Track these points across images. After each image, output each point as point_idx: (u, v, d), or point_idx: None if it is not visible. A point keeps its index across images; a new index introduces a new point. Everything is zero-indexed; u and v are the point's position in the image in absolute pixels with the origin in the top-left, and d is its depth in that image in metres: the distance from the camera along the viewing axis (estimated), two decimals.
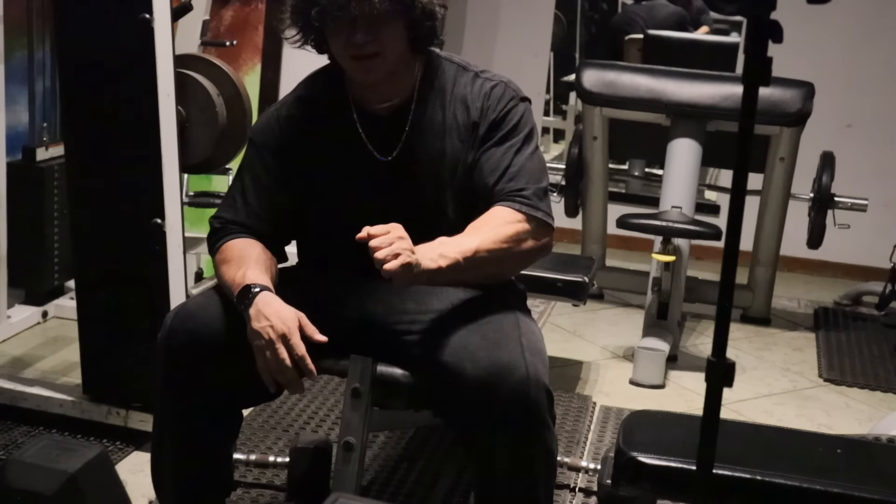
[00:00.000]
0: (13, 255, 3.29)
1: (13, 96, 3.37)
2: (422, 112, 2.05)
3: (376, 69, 1.97)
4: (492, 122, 2.04)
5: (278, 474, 2.64)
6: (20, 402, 2.85)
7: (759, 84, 1.35)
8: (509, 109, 2.05)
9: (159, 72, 2.57)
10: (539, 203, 2.00)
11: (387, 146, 2.04)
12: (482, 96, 2.06)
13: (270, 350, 1.86)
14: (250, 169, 2.10)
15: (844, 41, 4.86)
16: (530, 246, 1.98)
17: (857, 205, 4.09)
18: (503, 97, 2.06)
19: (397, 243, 1.79)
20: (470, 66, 2.11)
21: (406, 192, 2.04)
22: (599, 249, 4.34)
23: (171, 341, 1.95)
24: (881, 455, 2.21)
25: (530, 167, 2.02)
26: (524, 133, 2.05)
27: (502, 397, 1.82)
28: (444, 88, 2.07)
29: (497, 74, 2.12)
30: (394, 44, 1.95)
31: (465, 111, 2.04)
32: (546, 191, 2.04)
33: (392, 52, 1.96)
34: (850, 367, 3.82)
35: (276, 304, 1.90)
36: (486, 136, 2.03)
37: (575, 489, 2.69)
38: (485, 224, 1.96)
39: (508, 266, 2.01)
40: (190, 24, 3.50)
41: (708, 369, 1.44)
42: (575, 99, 5.93)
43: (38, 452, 1.82)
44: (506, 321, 1.95)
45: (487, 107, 2.04)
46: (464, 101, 2.05)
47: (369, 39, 1.92)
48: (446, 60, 2.11)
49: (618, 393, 3.45)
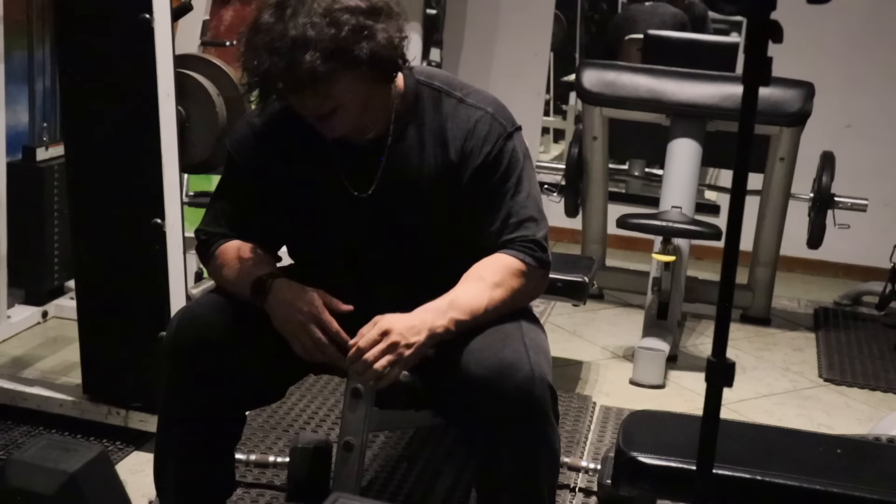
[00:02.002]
0: (13, 255, 3.29)
1: (13, 96, 3.37)
2: (399, 146, 1.96)
3: (341, 124, 1.88)
4: (478, 167, 1.94)
5: (278, 474, 2.63)
6: (20, 402, 2.85)
7: (759, 84, 1.35)
8: (498, 151, 1.94)
9: (159, 72, 2.57)
10: (542, 254, 1.97)
11: (363, 181, 1.97)
12: (464, 134, 1.94)
13: (304, 333, 1.88)
14: (229, 183, 2.07)
15: (844, 41, 4.86)
16: (532, 294, 2.01)
17: (857, 205, 4.09)
18: (488, 138, 1.94)
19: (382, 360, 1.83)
20: (453, 90, 1.99)
21: (384, 229, 1.99)
22: (599, 249, 4.34)
23: (178, 341, 1.95)
24: (881, 455, 2.21)
25: (531, 212, 1.96)
26: (517, 172, 1.97)
27: (507, 395, 1.82)
28: (423, 119, 1.96)
29: (484, 98, 1.99)
30: (350, 95, 1.84)
31: (443, 148, 1.95)
32: (547, 234, 2.00)
33: (351, 102, 1.85)
34: (850, 367, 3.82)
35: (294, 287, 1.90)
36: (475, 180, 1.94)
37: (575, 489, 2.69)
38: (491, 274, 1.93)
39: (508, 311, 1.96)
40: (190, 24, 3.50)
41: (708, 369, 1.44)
42: (575, 99, 5.94)
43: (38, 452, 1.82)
44: (508, 321, 1.94)
45: (470, 149, 1.94)
46: (442, 136, 1.95)
47: (319, 102, 1.83)
48: (426, 85, 1.98)
49: (618, 393, 3.45)
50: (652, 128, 4.03)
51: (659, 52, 5.39)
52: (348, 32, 1.78)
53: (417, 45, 4.27)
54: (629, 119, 4.08)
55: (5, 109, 3.20)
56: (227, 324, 1.94)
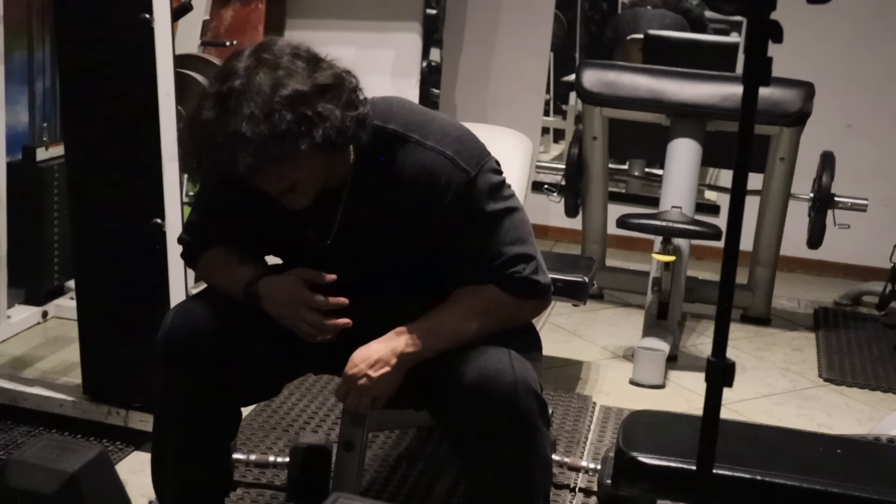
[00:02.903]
0: (13, 255, 3.29)
1: (13, 96, 3.37)
2: (354, 197, 1.92)
3: (300, 198, 1.86)
4: (441, 214, 1.86)
5: (278, 474, 2.63)
6: (20, 402, 2.85)
7: (759, 84, 1.35)
8: (463, 197, 1.85)
9: (159, 72, 2.57)
10: (538, 285, 1.91)
11: (323, 231, 1.95)
12: (424, 181, 1.86)
13: (296, 321, 1.90)
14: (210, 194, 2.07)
15: (844, 41, 4.86)
16: (531, 318, 2.00)
17: (857, 205, 4.09)
18: (448, 184, 1.85)
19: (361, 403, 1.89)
20: (411, 132, 1.89)
21: (347, 275, 1.94)
22: (599, 249, 4.33)
23: (171, 340, 1.95)
24: (881, 455, 2.21)
25: (516, 248, 1.88)
26: (491, 211, 1.87)
27: (491, 405, 1.81)
28: (381, 169, 1.89)
29: (444, 138, 1.88)
30: (305, 171, 1.81)
31: (401, 196, 1.88)
32: (539, 258, 1.92)
33: (308, 177, 1.82)
34: (850, 367, 3.82)
35: (274, 281, 1.92)
36: (446, 227, 1.88)
37: (575, 489, 2.69)
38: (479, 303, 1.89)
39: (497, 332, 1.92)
40: (190, 24, 3.51)
41: (708, 369, 1.44)
42: (575, 99, 5.94)
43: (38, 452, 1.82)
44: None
45: (430, 199, 1.86)
46: (399, 184, 1.88)
47: (274, 181, 1.81)
48: (384, 130, 1.89)
49: (618, 393, 3.45)
50: (652, 128, 4.03)
51: (659, 52, 5.40)
52: (288, 125, 1.72)
53: (417, 45, 4.28)
54: (629, 119, 4.07)
55: (5, 109, 3.20)
56: (220, 320, 1.94)
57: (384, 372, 1.87)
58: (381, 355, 1.87)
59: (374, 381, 1.87)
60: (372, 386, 1.88)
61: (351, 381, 1.89)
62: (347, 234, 1.95)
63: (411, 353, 1.88)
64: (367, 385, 1.87)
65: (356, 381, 1.88)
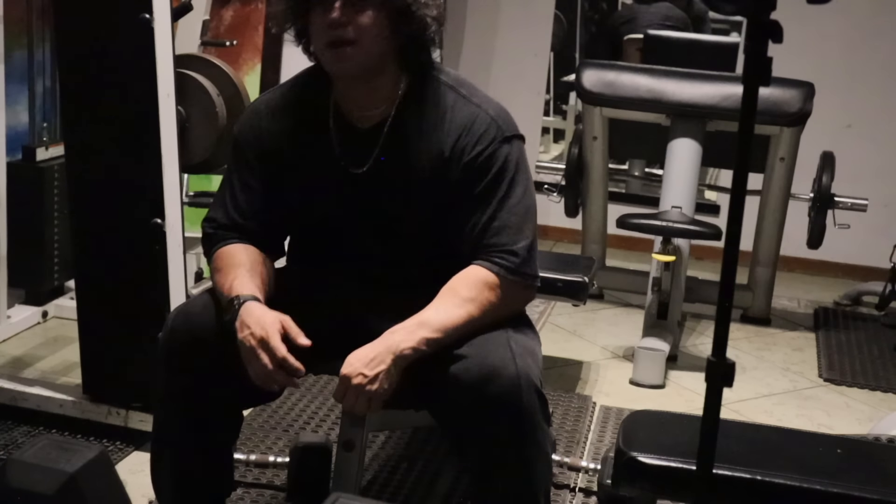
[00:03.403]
0: (13, 255, 3.29)
1: (13, 96, 3.37)
2: (398, 130, 1.98)
3: (350, 59, 1.90)
4: (466, 164, 1.94)
5: (278, 474, 2.63)
6: (20, 402, 2.85)
7: (759, 84, 1.35)
8: (491, 153, 1.94)
9: (159, 72, 2.57)
10: (522, 265, 1.94)
11: (359, 160, 1.99)
12: (460, 129, 1.95)
13: (254, 356, 1.86)
14: (237, 170, 2.08)
15: (844, 41, 4.86)
16: (512, 307, 1.98)
17: (857, 205, 4.09)
18: (484, 136, 1.94)
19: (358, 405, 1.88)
20: (461, 87, 2.00)
21: (373, 207, 2.00)
22: (599, 249, 4.33)
23: (172, 341, 1.95)
24: (881, 455, 2.21)
25: (514, 221, 1.94)
26: (508, 178, 1.95)
27: (494, 401, 1.81)
28: (425, 109, 1.98)
29: (488, 101, 2.00)
30: (371, 34, 1.89)
31: (439, 140, 1.95)
32: (532, 245, 1.96)
33: (368, 42, 1.89)
34: (850, 367, 3.82)
35: (257, 311, 1.89)
36: (465, 179, 1.94)
37: (575, 489, 2.69)
38: (466, 289, 1.91)
39: (491, 322, 1.94)
40: (190, 24, 3.50)
41: (708, 369, 1.44)
42: (575, 99, 5.93)
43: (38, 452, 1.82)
44: (495, 327, 1.93)
45: (464, 145, 1.94)
46: (439, 128, 1.96)
47: (345, 21, 1.87)
48: (436, 77, 2.01)
49: (618, 393, 3.45)
50: (652, 128, 4.03)
51: (659, 52, 5.39)
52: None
53: None
54: (629, 119, 4.07)
55: (5, 109, 3.20)
56: (220, 322, 1.94)
57: (380, 370, 1.86)
58: (377, 354, 1.87)
59: (370, 381, 1.86)
60: (368, 385, 1.86)
61: (347, 382, 1.88)
62: (383, 164, 1.98)
63: (406, 348, 1.87)
64: (363, 384, 1.86)
65: (352, 381, 1.87)
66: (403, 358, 1.87)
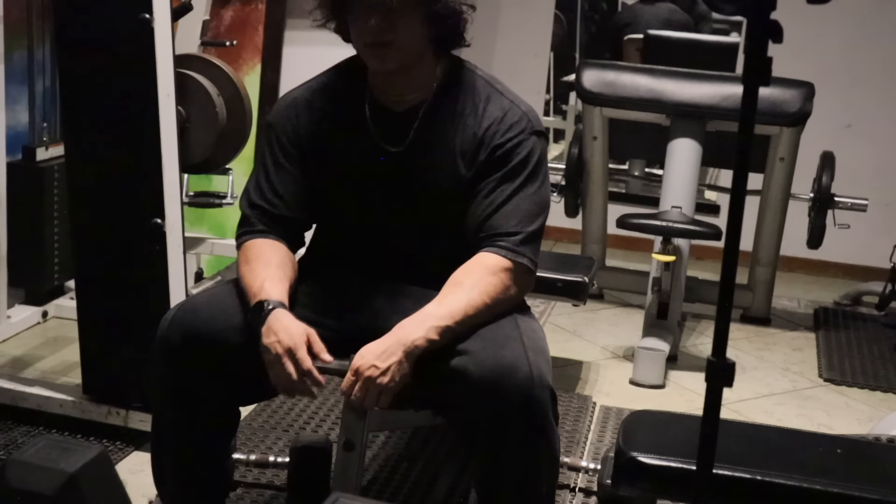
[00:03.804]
0: (13, 255, 3.28)
1: (13, 96, 3.37)
2: (434, 113, 2.05)
3: (389, 59, 1.98)
4: (494, 147, 2.01)
5: (278, 474, 2.63)
6: (20, 402, 2.85)
7: (759, 84, 1.35)
8: (518, 142, 2.02)
9: (159, 72, 2.57)
10: (524, 248, 1.98)
11: (395, 140, 2.05)
12: (493, 117, 2.03)
13: (279, 364, 1.88)
14: (271, 154, 2.12)
15: (844, 41, 4.86)
16: (514, 293, 1.99)
17: (857, 205, 4.09)
18: (515, 126, 2.03)
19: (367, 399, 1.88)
20: (496, 83, 2.09)
21: (405, 187, 2.05)
22: (599, 249, 4.33)
23: (169, 339, 1.96)
24: (881, 455, 2.21)
25: (526, 208, 2.00)
26: (529, 170, 2.02)
27: (507, 397, 1.82)
28: (461, 96, 2.05)
29: (520, 99, 2.09)
30: (409, 35, 1.96)
31: (472, 124, 2.03)
32: (537, 234, 2.01)
33: (407, 43, 1.96)
34: (850, 367, 3.82)
35: (286, 319, 1.91)
36: (488, 162, 2.01)
37: (575, 489, 2.69)
38: (468, 277, 1.95)
39: (495, 314, 1.96)
40: (190, 24, 3.50)
41: (708, 369, 1.44)
42: (575, 99, 5.93)
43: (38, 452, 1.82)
44: (504, 321, 1.94)
45: (496, 131, 2.02)
46: (475, 113, 2.03)
47: (384, 27, 1.93)
48: (471, 70, 2.10)
49: (618, 393, 3.45)
50: (652, 128, 4.03)
51: (659, 52, 5.39)
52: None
53: None
54: (629, 119, 4.07)
55: (5, 109, 3.19)
56: (219, 320, 1.95)
57: (392, 362, 1.86)
58: (388, 347, 1.87)
59: (382, 373, 1.86)
60: (380, 378, 1.86)
61: (358, 374, 1.87)
62: (417, 144, 2.04)
63: (417, 338, 1.87)
64: (375, 377, 1.86)
65: (364, 373, 1.87)
66: (414, 350, 1.87)
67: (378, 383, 1.86)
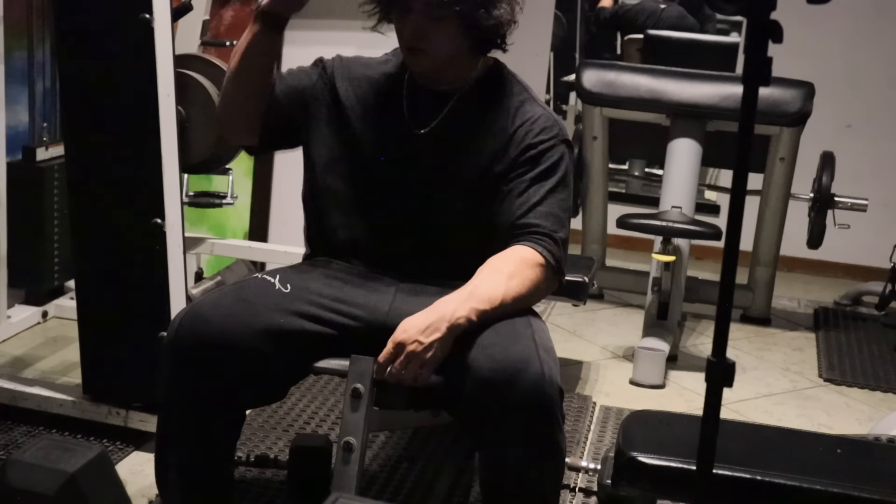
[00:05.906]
0: (13, 255, 3.28)
1: (13, 96, 3.37)
2: (467, 101, 2.08)
3: (420, 64, 2.04)
4: (526, 147, 2.04)
5: (278, 474, 2.63)
6: (20, 402, 2.85)
7: (759, 84, 1.35)
8: (551, 146, 2.05)
9: (159, 72, 2.57)
10: (559, 251, 2.01)
11: (425, 121, 2.08)
12: (527, 117, 2.06)
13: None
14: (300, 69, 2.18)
15: (844, 41, 4.86)
16: (542, 291, 2.02)
17: (857, 205, 4.09)
18: (548, 129, 2.06)
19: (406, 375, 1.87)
20: (531, 90, 2.13)
21: (426, 168, 2.07)
22: (599, 249, 4.34)
23: (178, 342, 1.95)
24: (881, 455, 2.21)
25: (558, 213, 2.02)
26: (559, 175, 2.04)
27: (517, 394, 1.82)
28: (496, 91, 2.09)
29: (552, 111, 2.13)
30: (443, 44, 2.00)
31: (505, 120, 2.06)
32: (567, 242, 2.05)
33: (439, 51, 2.01)
34: (850, 367, 3.82)
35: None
36: (519, 160, 2.03)
37: (575, 489, 2.69)
38: (506, 265, 1.96)
39: (522, 307, 1.99)
40: (190, 24, 3.50)
41: (708, 369, 1.44)
42: (575, 99, 5.93)
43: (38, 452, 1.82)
44: (517, 319, 1.95)
45: (528, 130, 2.05)
46: (508, 111, 2.06)
47: (419, 35, 1.98)
48: (509, 73, 2.14)
49: (618, 393, 3.45)
50: (652, 128, 4.03)
51: (659, 52, 5.39)
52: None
53: None
54: (629, 119, 4.08)
55: (5, 109, 3.19)
56: (228, 324, 1.94)
57: (436, 337, 1.86)
58: (431, 322, 1.87)
59: (426, 348, 1.85)
60: (423, 353, 1.85)
61: (400, 349, 1.87)
62: (444, 129, 2.07)
63: (461, 316, 1.87)
64: (417, 351, 1.85)
65: (407, 347, 1.86)
66: (457, 327, 1.87)
67: (421, 357, 1.86)
